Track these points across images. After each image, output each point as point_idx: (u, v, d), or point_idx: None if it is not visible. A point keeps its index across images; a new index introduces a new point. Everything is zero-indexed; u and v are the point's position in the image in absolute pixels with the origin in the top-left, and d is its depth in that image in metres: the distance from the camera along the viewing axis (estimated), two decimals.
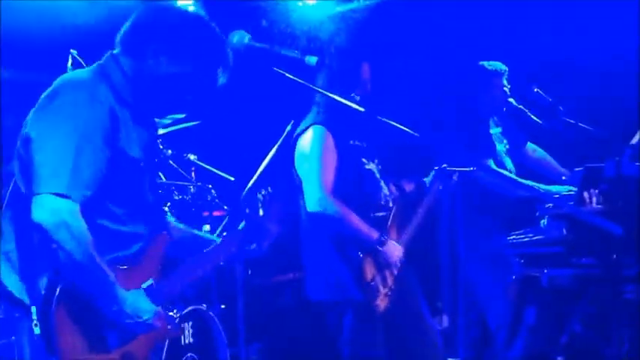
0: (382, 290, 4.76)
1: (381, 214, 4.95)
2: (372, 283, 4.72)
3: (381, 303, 4.75)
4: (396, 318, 4.83)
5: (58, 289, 3.27)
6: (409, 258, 4.98)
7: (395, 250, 4.83)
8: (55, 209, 3.21)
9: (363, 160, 4.95)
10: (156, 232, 3.68)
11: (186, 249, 3.95)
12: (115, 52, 3.62)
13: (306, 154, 4.83)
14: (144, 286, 3.56)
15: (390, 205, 5.01)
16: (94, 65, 3.63)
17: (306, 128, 4.86)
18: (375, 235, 4.76)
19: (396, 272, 4.84)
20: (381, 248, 4.75)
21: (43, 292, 3.29)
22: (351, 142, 4.92)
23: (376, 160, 5.05)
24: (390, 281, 4.81)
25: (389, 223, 4.95)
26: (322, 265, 4.85)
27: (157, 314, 3.52)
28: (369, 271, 4.73)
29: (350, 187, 4.84)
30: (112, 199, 3.47)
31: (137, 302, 3.45)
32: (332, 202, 4.70)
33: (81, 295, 3.31)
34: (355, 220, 4.74)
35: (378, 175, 5.01)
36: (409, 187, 5.24)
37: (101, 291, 3.33)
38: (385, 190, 5.01)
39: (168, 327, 3.61)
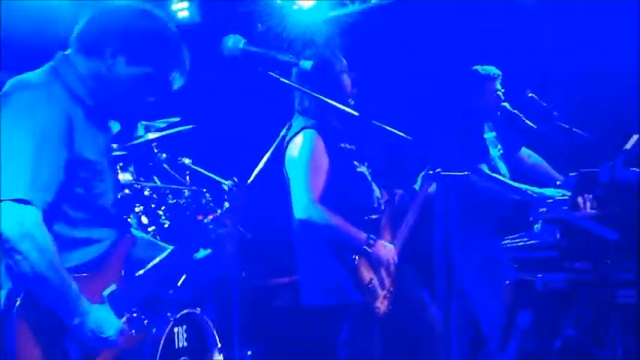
0: (381, 292, 4.77)
1: (373, 216, 4.96)
2: (370, 286, 4.73)
3: (381, 305, 4.76)
4: (394, 319, 4.83)
5: (18, 301, 3.21)
6: (406, 259, 4.99)
7: (385, 250, 4.84)
8: (18, 220, 3.15)
9: (355, 163, 4.96)
10: (118, 236, 3.61)
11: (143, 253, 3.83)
12: (67, 52, 3.53)
13: (295, 159, 4.84)
14: (106, 292, 3.49)
15: (383, 207, 5.02)
16: (46, 66, 3.53)
17: (297, 132, 4.86)
18: (363, 236, 4.76)
19: (391, 272, 4.85)
20: (369, 250, 4.76)
21: (1, 306, 3.21)
22: (342, 145, 4.93)
23: (366, 163, 5.06)
24: (387, 282, 4.82)
25: (382, 225, 4.96)
26: (319, 270, 4.85)
27: (120, 331, 3.45)
28: (366, 273, 4.74)
29: (342, 191, 4.84)
30: (70, 204, 3.40)
31: (101, 317, 3.39)
32: (318, 209, 4.70)
33: (42, 307, 3.25)
34: (342, 224, 4.74)
35: (369, 178, 5.02)
36: (400, 191, 5.25)
37: (64, 303, 3.27)
38: (377, 193, 5.03)
39: (132, 341, 3.54)
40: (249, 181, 5.08)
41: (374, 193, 5.01)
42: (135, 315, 3.59)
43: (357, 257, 4.73)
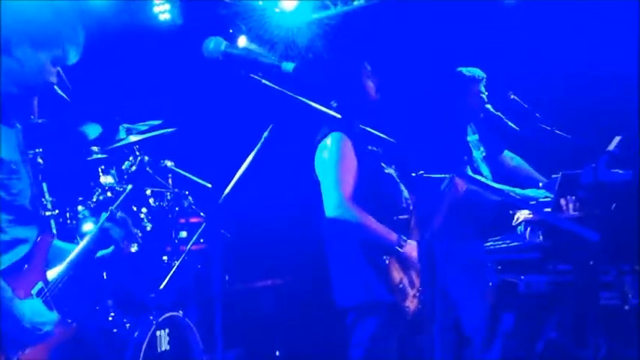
0: (410, 292, 4.77)
1: (403, 217, 4.95)
2: (401, 286, 4.73)
3: (411, 305, 4.76)
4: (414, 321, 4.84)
5: None
6: None
7: (416, 250, 4.83)
8: None
9: (382, 164, 4.97)
10: (40, 233, 3.60)
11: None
12: None
13: (325, 161, 4.87)
14: (34, 291, 3.49)
15: (411, 208, 5.02)
16: None
17: (326, 135, 4.89)
18: (394, 237, 4.76)
19: (418, 276, 4.84)
20: (400, 250, 4.75)
21: None
22: (369, 147, 4.95)
23: (394, 166, 5.06)
24: (417, 282, 4.82)
25: (411, 225, 4.95)
26: (350, 270, 4.84)
27: (57, 323, 3.48)
28: (396, 273, 4.74)
29: (371, 192, 4.85)
30: None
31: (36, 315, 3.41)
32: (349, 207, 4.72)
33: None
34: (373, 224, 4.75)
35: (397, 180, 5.03)
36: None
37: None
38: (405, 194, 5.02)
39: (70, 330, 3.57)
40: (230, 185, 5.06)
41: (402, 194, 5.01)
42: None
43: (387, 258, 4.73)
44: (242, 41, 8.08)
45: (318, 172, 4.93)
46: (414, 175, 5.08)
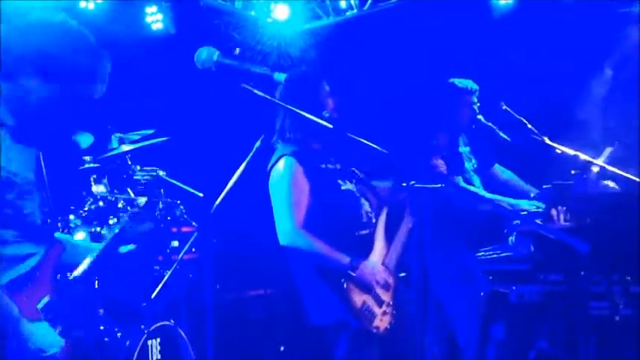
0: (378, 311, 4.72)
1: (364, 232, 4.92)
2: (364, 309, 4.67)
3: (380, 324, 4.70)
4: (392, 333, 4.79)
5: None
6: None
7: (369, 270, 4.76)
8: None
9: (339, 181, 4.94)
10: (47, 249, 3.55)
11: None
12: None
13: (276, 187, 4.84)
14: (40, 305, 3.45)
15: (373, 221, 4.99)
16: None
17: (277, 160, 4.86)
18: (345, 261, 4.71)
19: (389, 286, 4.80)
20: (353, 273, 4.70)
21: None
22: (323, 166, 4.91)
23: (354, 180, 5.02)
24: (385, 297, 4.76)
25: (375, 239, 4.92)
26: (314, 292, 4.81)
27: (62, 348, 3.43)
28: (358, 297, 4.68)
29: (329, 211, 4.81)
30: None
31: (43, 337, 3.37)
32: (301, 235, 4.69)
33: None
34: (325, 249, 4.70)
35: (357, 194, 4.99)
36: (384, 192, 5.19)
37: (5, 328, 3.25)
38: (366, 207, 4.99)
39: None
40: (221, 195, 5.06)
41: (362, 208, 4.97)
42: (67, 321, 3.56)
43: (345, 282, 4.69)
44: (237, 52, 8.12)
45: (271, 196, 4.91)
46: (404, 185, 5.09)
